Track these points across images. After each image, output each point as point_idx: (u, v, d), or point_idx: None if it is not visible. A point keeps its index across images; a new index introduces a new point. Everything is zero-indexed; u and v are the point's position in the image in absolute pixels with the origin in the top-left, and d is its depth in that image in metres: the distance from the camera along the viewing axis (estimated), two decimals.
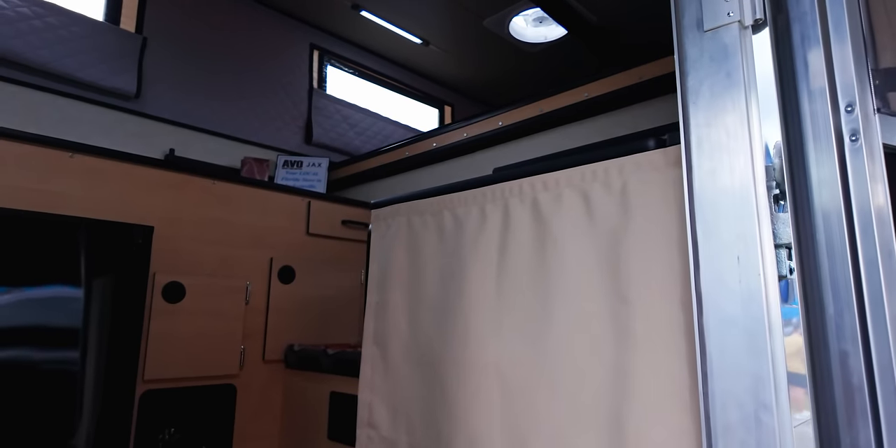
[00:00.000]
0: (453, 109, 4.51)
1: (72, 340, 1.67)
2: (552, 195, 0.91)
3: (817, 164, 0.68)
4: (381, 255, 1.24)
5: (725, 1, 0.73)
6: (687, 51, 0.75)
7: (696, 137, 0.73)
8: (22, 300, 1.60)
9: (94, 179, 1.80)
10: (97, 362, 1.70)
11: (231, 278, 2.08)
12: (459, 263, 1.03)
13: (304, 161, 3.08)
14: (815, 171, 0.68)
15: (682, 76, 0.75)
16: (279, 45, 3.35)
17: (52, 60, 2.34)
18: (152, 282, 1.88)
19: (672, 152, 0.78)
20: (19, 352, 1.57)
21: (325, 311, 2.37)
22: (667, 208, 0.78)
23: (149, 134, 2.66)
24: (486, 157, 2.44)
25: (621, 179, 0.83)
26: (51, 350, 1.62)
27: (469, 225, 1.04)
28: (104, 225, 1.77)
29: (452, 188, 1.10)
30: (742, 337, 0.66)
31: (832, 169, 0.67)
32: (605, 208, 0.84)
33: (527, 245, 0.93)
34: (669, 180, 0.78)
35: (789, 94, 0.70)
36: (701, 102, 0.73)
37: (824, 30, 0.68)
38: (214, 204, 2.08)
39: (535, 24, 3.56)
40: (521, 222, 0.95)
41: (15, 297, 1.59)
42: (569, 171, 0.90)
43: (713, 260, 0.69)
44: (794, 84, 0.70)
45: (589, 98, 1.99)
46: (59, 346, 1.63)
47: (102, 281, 1.74)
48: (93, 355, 1.69)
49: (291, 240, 2.32)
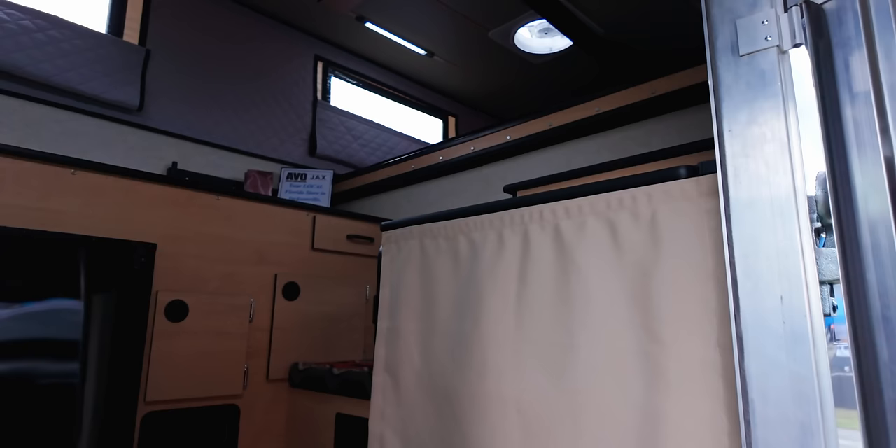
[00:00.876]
0: (457, 120, 4.48)
1: (72, 363, 1.63)
2: (575, 223, 0.87)
3: (865, 196, 0.64)
4: (393, 278, 1.20)
5: (763, 24, 0.69)
6: (721, 76, 0.71)
7: (732, 167, 0.69)
8: (21, 321, 1.56)
9: (95, 196, 1.77)
10: (97, 386, 1.65)
11: (235, 295, 2.04)
12: (476, 291, 0.99)
13: (308, 173, 3.05)
14: (863, 203, 0.64)
15: (716, 102, 0.71)
16: (283, 56, 3.33)
17: (55, 74, 2.32)
18: (155, 300, 1.84)
19: (706, 182, 0.74)
20: (18, 374, 1.52)
21: (331, 327, 2.33)
22: (700, 241, 0.74)
23: (151, 147, 2.63)
24: (494, 171, 2.40)
25: (650, 208, 0.79)
26: (50, 373, 1.57)
27: (486, 251, 1.00)
28: (106, 243, 1.74)
29: (467, 211, 1.06)
30: (787, 382, 0.62)
31: (883, 201, 0.63)
32: (634, 238, 0.80)
33: (548, 274, 0.89)
34: (703, 211, 0.74)
35: (833, 121, 0.66)
36: (737, 130, 0.69)
37: (871, 55, 0.64)
38: (218, 220, 2.04)
39: (541, 35, 3.54)
40: (542, 250, 0.91)
41: (14, 318, 1.54)
42: (592, 198, 0.86)
43: (754, 299, 0.65)
44: (837, 111, 0.66)
45: (600, 112, 1.96)
46: (59, 369, 1.59)
47: (104, 301, 1.70)
48: (93, 378, 1.65)
49: (296, 255, 2.28)
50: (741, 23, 0.71)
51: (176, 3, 2.86)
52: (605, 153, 2.00)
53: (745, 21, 0.70)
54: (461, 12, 3.25)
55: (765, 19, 0.69)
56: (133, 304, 1.76)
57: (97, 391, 1.66)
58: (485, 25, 3.38)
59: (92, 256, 1.69)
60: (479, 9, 3.21)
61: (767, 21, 0.69)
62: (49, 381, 1.57)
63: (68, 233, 1.69)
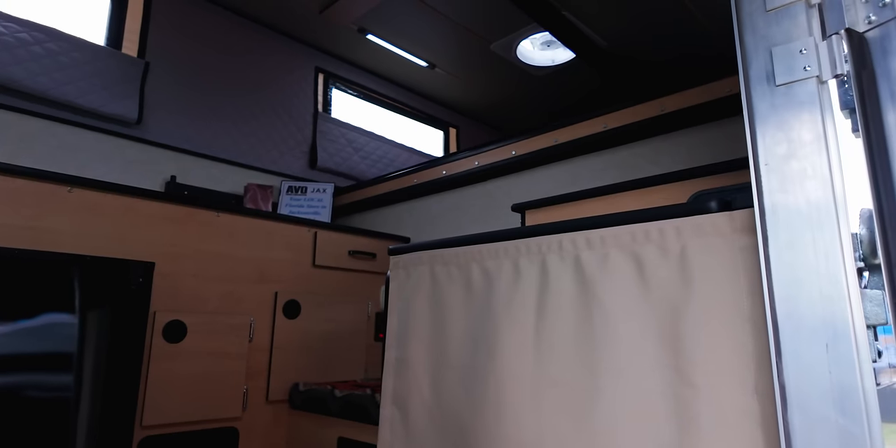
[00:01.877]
0: (458, 131, 4.46)
1: (66, 387, 1.58)
2: (597, 255, 0.83)
3: None
4: (401, 305, 1.15)
5: (801, 53, 0.66)
6: (756, 106, 0.68)
7: (770, 204, 0.65)
8: (13, 344, 1.50)
9: (92, 214, 1.72)
10: (92, 411, 1.60)
11: (234, 315, 1.99)
12: (491, 324, 0.95)
13: (309, 187, 3.01)
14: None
15: (752, 134, 0.67)
16: (284, 68, 3.30)
17: (52, 87, 2.28)
18: (152, 321, 1.79)
19: (740, 217, 0.70)
20: (11, 398, 1.47)
21: (332, 345, 2.28)
22: (735, 280, 0.70)
23: (150, 161, 2.59)
24: (498, 186, 2.36)
25: (679, 243, 0.75)
26: (43, 397, 1.52)
27: (501, 281, 0.96)
28: (102, 262, 1.69)
29: (480, 238, 1.02)
30: (835, 438, 0.58)
31: None
32: (662, 274, 0.76)
33: (569, 309, 0.85)
34: (737, 248, 0.70)
35: (879, 156, 0.63)
36: (774, 164, 0.66)
37: None
38: (217, 237, 2.00)
39: (543, 47, 3.52)
40: (562, 282, 0.87)
41: (7, 341, 1.49)
42: (616, 230, 0.82)
43: (797, 345, 0.61)
44: (884, 146, 0.62)
45: (607, 129, 1.93)
46: (53, 394, 1.54)
47: (100, 322, 1.65)
48: (88, 403, 1.60)
49: (297, 272, 2.23)
50: (777, 51, 0.67)
51: (176, 14, 2.83)
52: (613, 170, 1.96)
53: (782, 49, 0.67)
54: (463, 24, 3.22)
55: (803, 48, 0.66)
56: (130, 325, 1.71)
57: (92, 416, 1.61)
58: (487, 38, 3.36)
59: (88, 276, 1.65)
60: (482, 21, 3.19)
61: (806, 50, 0.65)
62: (42, 406, 1.52)
63: (63, 252, 1.64)
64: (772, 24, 0.68)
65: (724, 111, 1.67)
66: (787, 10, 0.67)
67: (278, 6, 3.06)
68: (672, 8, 3.08)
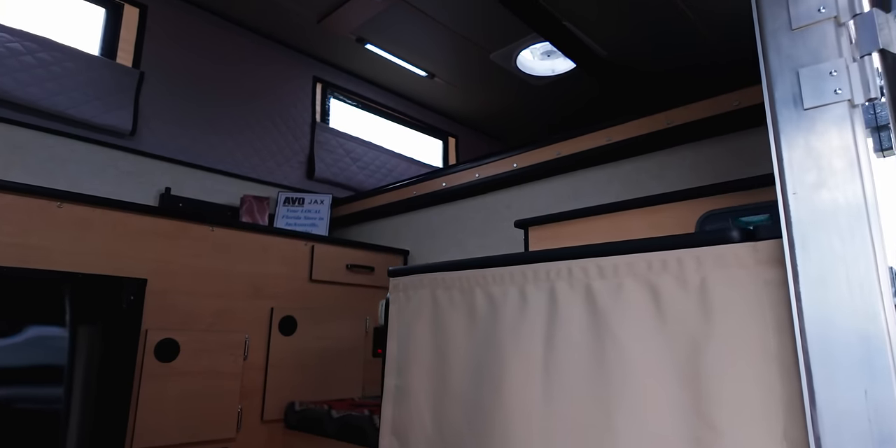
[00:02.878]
0: (457, 141, 4.42)
1: (55, 409, 1.52)
2: (610, 284, 0.78)
3: None
4: (401, 330, 1.10)
5: (831, 75, 0.61)
6: (782, 130, 0.63)
7: (799, 236, 0.61)
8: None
9: (82, 230, 1.67)
10: (81, 433, 1.54)
11: (229, 332, 1.94)
12: (496, 354, 0.90)
13: (306, 198, 2.96)
14: None
15: (778, 161, 0.63)
16: (281, 78, 3.26)
17: (43, 98, 2.23)
18: (144, 340, 1.74)
19: (765, 249, 0.66)
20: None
21: (329, 362, 2.23)
22: (760, 316, 0.65)
23: (143, 172, 2.54)
24: (499, 198, 2.32)
25: (699, 274, 0.71)
26: (31, 419, 1.46)
27: (506, 308, 0.91)
28: (93, 280, 1.64)
29: (484, 262, 0.98)
30: None
31: None
32: (680, 307, 0.71)
33: (579, 341, 0.80)
34: (761, 281, 0.66)
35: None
36: (803, 193, 0.61)
37: None
38: (212, 252, 1.95)
39: (543, 57, 3.49)
40: (571, 312, 0.82)
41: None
42: (630, 258, 0.77)
43: (832, 391, 0.57)
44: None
45: (611, 142, 1.89)
46: (40, 416, 1.48)
47: (90, 342, 1.60)
48: (76, 426, 1.54)
49: (293, 287, 2.18)
50: (805, 73, 0.63)
51: (171, 24, 2.79)
52: (616, 184, 1.92)
53: (810, 71, 0.63)
54: (462, 34, 3.19)
55: (833, 70, 0.61)
56: (121, 344, 1.66)
57: (81, 438, 1.55)
58: (486, 47, 3.33)
59: (78, 294, 1.60)
60: (481, 31, 3.17)
61: (836, 71, 0.61)
62: (30, 428, 1.46)
63: (52, 270, 1.59)
64: (798, 43, 0.64)
65: (730, 125, 1.63)
66: (815, 28, 0.63)
67: (276, 16, 3.03)
68: (673, 17, 3.05)
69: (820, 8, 0.63)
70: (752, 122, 1.59)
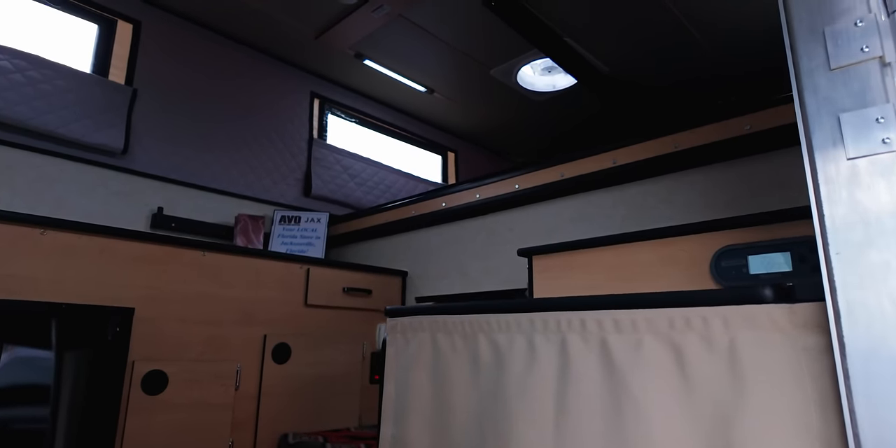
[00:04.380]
0: (457, 155, 4.37)
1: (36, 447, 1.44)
2: (628, 340, 0.72)
3: None
4: (399, 375, 1.03)
5: (878, 122, 0.55)
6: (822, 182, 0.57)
7: (845, 302, 0.54)
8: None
9: (66, 257, 1.60)
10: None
11: (219, 362, 1.86)
12: (502, 410, 0.83)
13: (303, 216, 2.90)
14: None
15: (819, 216, 0.57)
16: (278, 93, 3.21)
17: (32, 117, 2.17)
18: (130, 372, 1.66)
19: (803, 312, 0.59)
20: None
21: (324, 390, 2.15)
22: (799, 387, 0.58)
23: (135, 192, 2.47)
24: (500, 220, 2.26)
25: (727, 335, 0.64)
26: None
27: (513, 359, 0.84)
28: (76, 310, 1.57)
29: (489, 307, 0.91)
30: None
31: None
32: (707, 371, 0.65)
33: (595, 402, 0.73)
34: (800, 348, 0.59)
35: None
36: (848, 254, 0.55)
37: None
38: (202, 278, 1.88)
39: (544, 73, 3.44)
40: (585, 369, 0.75)
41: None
42: (650, 313, 0.70)
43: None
44: None
45: (617, 165, 1.83)
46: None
47: (73, 378, 1.52)
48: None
49: (287, 312, 2.11)
50: (847, 118, 0.57)
51: (166, 39, 2.74)
52: (622, 208, 1.86)
53: (853, 117, 0.57)
54: (462, 50, 3.15)
55: (879, 116, 0.55)
56: (106, 379, 1.58)
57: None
58: (486, 63, 3.28)
59: (60, 326, 1.52)
60: (482, 47, 3.12)
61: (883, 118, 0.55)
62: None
63: (32, 300, 1.52)
64: (838, 85, 0.58)
65: (742, 150, 1.57)
66: (857, 69, 0.57)
67: (273, 31, 2.98)
68: (674, 32, 3.01)
69: (863, 47, 0.56)
70: (764, 146, 1.53)
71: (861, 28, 0.57)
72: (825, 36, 0.59)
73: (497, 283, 2.22)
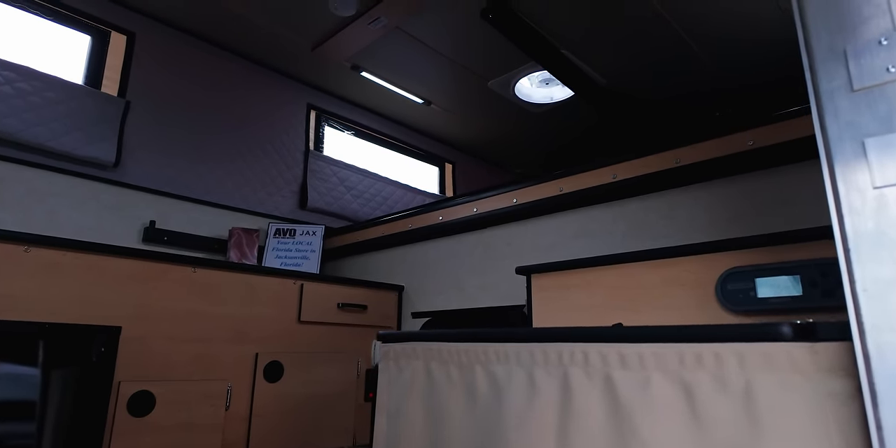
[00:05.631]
0: (454, 167, 4.34)
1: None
2: (635, 377, 0.67)
3: None
4: (391, 405, 0.98)
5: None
6: (847, 213, 0.53)
7: (874, 344, 0.50)
8: None
9: (52, 275, 1.55)
10: None
11: (209, 381, 1.81)
12: (499, 447, 0.78)
13: (298, 229, 2.85)
14: None
15: (844, 250, 0.52)
16: (274, 105, 3.17)
17: (21, 129, 2.13)
18: (116, 393, 1.61)
19: (828, 352, 0.55)
20: None
21: (317, 409, 2.09)
22: (824, 436, 0.54)
23: (127, 205, 2.43)
24: (498, 234, 2.22)
25: (743, 376, 0.59)
26: None
27: (512, 394, 0.79)
28: (60, 330, 1.51)
29: (486, 336, 0.86)
30: None
31: None
32: (721, 414, 0.60)
33: (598, 441, 0.68)
34: (824, 394, 0.54)
35: None
36: (877, 291, 0.51)
37: None
38: (192, 295, 1.83)
39: (541, 85, 3.42)
40: (588, 405, 0.70)
41: None
42: (658, 348, 0.66)
43: None
44: None
45: (617, 180, 1.79)
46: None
47: (55, 400, 1.46)
48: None
49: (280, 329, 2.06)
50: (872, 144, 0.53)
51: (160, 50, 2.71)
52: (623, 223, 1.82)
53: (879, 142, 0.53)
54: (460, 62, 3.12)
55: None
56: (90, 401, 1.52)
57: None
58: (484, 75, 3.26)
59: (43, 347, 1.47)
60: (479, 59, 3.10)
61: None
62: None
63: (15, 320, 1.47)
64: (862, 107, 0.54)
65: (745, 165, 1.53)
66: (882, 90, 0.53)
67: (269, 43, 2.95)
68: (672, 45, 2.99)
69: (889, 67, 0.53)
70: (768, 162, 1.49)
71: (886, 46, 0.53)
72: (847, 55, 0.55)
73: (494, 299, 2.17)
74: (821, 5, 0.56)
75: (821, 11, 0.56)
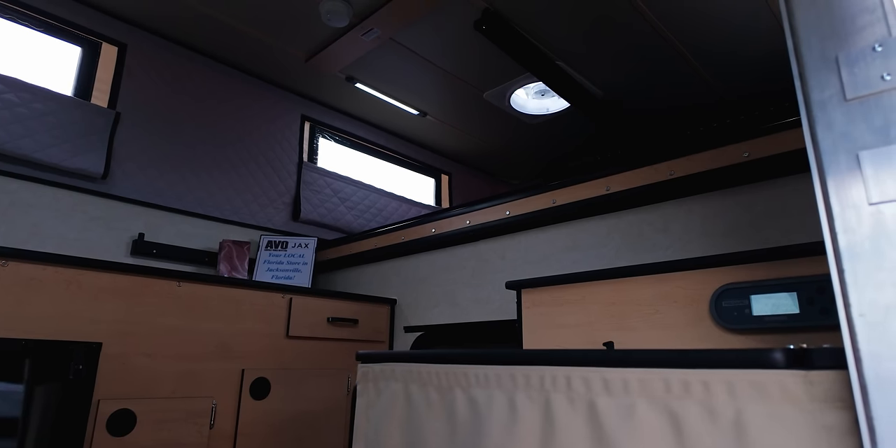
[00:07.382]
0: (450, 178, 4.31)
1: None
2: (620, 405, 0.63)
3: None
4: (369, 431, 0.94)
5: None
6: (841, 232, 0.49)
7: (872, 373, 0.46)
8: None
9: (30, 290, 1.51)
10: None
11: (193, 399, 1.76)
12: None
13: (290, 242, 2.81)
14: None
15: (839, 271, 0.49)
16: (267, 116, 3.15)
17: (7, 141, 2.10)
18: (95, 412, 1.56)
19: (822, 382, 0.51)
20: None
21: (305, 427, 2.04)
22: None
23: (115, 217, 2.39)
24: (491, 247, 2.18)
25: (733, 406, 0.55)
26: None
27: (492, 419, 0.75)
28: (38, 346, 1.47)
29: (466, 357, 0.82)
30: None
31: None
32: (709, 447, 0.56)
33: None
34: (819, 426, 0.50)
35: None
36: (875, 317, 0.47)
37: None
38: (177, 310, 1.79)
39: (537, 96, 3.40)
40: (571, 434, 0.66)
41: None
42: (643, 373, 0.62)
43: None
44: None
45: (610, 192, 1.76)
46: None
47: (32, 419, 1.42)
48: None
49: (268, 345, 2.01)
50: (867, 157, 0.49)
51: (151, 62, 2.69)
52: (616, 236, 1.78)
53: (875, 156, 0.49)
54: (455, 74, 3.11)
55: None
56: (67, 420, 1.47)
57: None
58: (479, 87, 3.24)
59: (16, 364, 1.43)
60: (474, 70, 3.08)
61: None
62: None
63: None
64: (856, 119, 0.50)
65: (740, 178, 1.50)
66: (878, 100, 0.50)
67: (262, 54, 2.94)
68: (669, 57, 2.98)
69: (884, 74, 0.49)
70: (763, 174, 1.46)
71: (881, 53, 0.49)
72: (839, 63, 0.52)
73: (488, 313, 2.13)
74: (811, 9, 0.53)
75: (811, 16, 0.52)
